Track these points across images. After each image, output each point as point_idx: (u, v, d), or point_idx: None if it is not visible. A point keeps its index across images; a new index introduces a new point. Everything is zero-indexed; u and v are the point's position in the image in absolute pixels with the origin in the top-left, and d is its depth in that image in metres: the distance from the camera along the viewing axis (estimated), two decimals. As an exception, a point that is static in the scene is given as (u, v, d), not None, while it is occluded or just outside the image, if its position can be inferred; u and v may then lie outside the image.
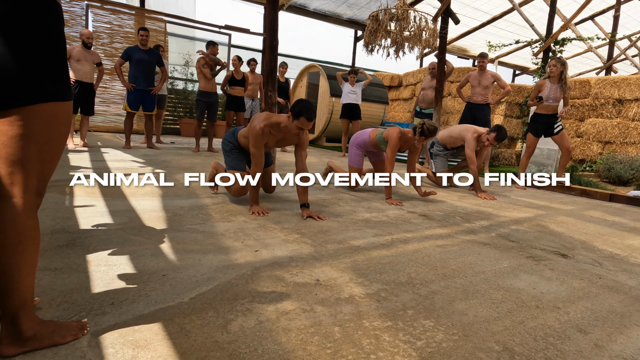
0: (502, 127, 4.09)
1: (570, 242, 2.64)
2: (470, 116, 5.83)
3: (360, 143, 3.86)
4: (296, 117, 2.58)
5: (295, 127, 2.61)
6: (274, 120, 2.70)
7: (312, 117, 2.61)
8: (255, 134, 2.66)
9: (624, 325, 1.50)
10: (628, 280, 1.98)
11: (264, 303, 1.45)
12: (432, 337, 1.30)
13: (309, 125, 2.62)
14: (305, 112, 2.56)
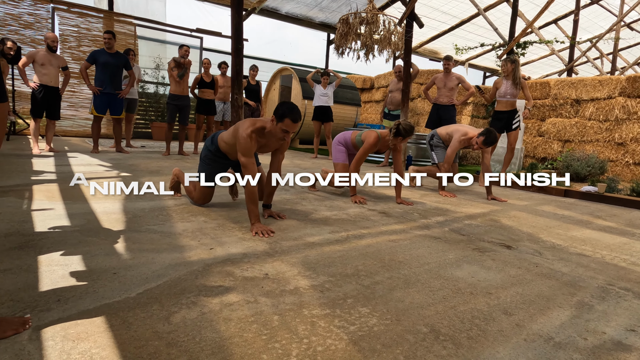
0: (491, 131, 4.00)
1: (517, 234, 2.78)
2: (437, 117, 6.01)
3: (342, 141, 3.91)
4: (280, 119, 2.44)
5: (280, 130, 2.47)
6: (259, 126, 2.57)
7: (298, 118, 2.47)
8: (244, 141, 2.49)
9: (548, 307, 1.62)
10: (562, 268, 2.12)
11: (209, 296, 1.51)
12: (365, 323, 1.39)
13: (295, 127, 2.48)
14: (290, 113, 2.43)
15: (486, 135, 3.96)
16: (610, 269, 2.16)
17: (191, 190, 3.00)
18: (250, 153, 2.51)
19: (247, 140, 2.49)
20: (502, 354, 1.26)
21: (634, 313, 1.62)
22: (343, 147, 3.91)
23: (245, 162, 2.49)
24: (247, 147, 2.49)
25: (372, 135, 3.59)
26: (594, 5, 11.98)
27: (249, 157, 2.50)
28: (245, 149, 2.50)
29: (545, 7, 7.36)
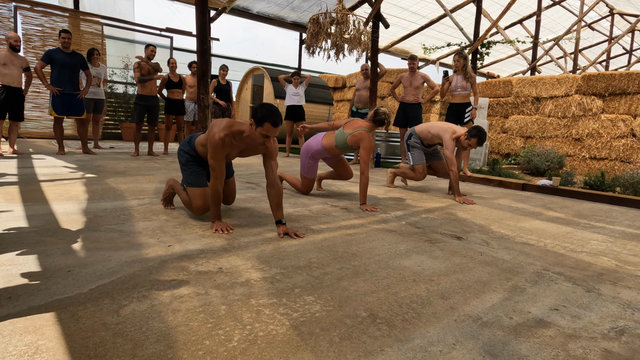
0: (481, 129, 3.89)
1: (470, 226, 2.93)
2: (403, 115, 6.17)
3: (315, 154, 3.65)
4: (259, 123, 2.26)
5: (259, 135, 2.29)
6: (236, 129, 2.40)
7: (279, 122, 2.28)
8: (215, 144, 2.34)
9: (483, 291, 1.74)
10: (505, 256, 2.27)
11: (161, 290, 1.57)
12: (308, 310, 1.48)
13: (275, 131, 2.29)
14: (269, 117, 2.24)
15: (479, 137, 3.85)
16: (549, 256, 2.31)
17: (188, 200, 2.70)
18: (220, 157, 2.38)
19: (218, 143, 2.34)
20: (432, 333, 1.36)
21: (560, 294, 1.76)
22: (314, 162, 3.68)
23: (213, 164, 2.39)
24: (218, 150, 2.36)
25: (365, 135, 3.39)
26: (556, 6, 12.43)
27: (217, 160, 2.38)
28: (215, 152, 2.36)
29: (508, 7, 7.61)
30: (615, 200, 4.26)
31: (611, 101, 6.26)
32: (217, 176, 2.41)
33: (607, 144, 6.24)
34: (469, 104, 5.59)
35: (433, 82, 6.05)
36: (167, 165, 5.33)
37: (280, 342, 1.25)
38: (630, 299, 1.76)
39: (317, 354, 1.20)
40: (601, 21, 14.58)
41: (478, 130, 3.85)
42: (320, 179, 4.03)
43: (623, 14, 13.85)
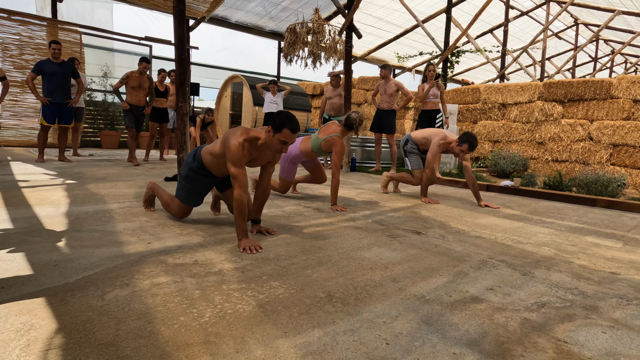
0: (471, 135, 3.97)
1: (430, 223, 3.17)
2: (378, 121, 6.45)
3: (294, 159, 3.78)
4: (278, 129, 2.27)
5: (277, 142, 2.30)
6: (253, 135, 2.37)
7: (297, 128, 2.30)
8: (235, 150, 2.29)
9: (430, 276, 1.97)
10: (457, 247, 2.51)
11: (141, 279, 1.74)
12: (273, 292, 1.67)
13: (293, 138, 2.31)
14: (288, 123, 2.26)
15: (470, 142, 3.93)
16: (497, 247, 2.57)
17: (168, 204, 2.76)
18: (242, 163, 2.32)
19: (239, 149, 2.29)
20: (379, 308, 1.58)
21: (498, 277, 2.00)
22: (293, 166, 3.80)
23: (236, 172, 2.29)
24: (239, 156, 2.30)
25: (338, 140, 3.56)
26: (524, 16, 13.00)
27: (239, 167, 2.30)
28: (236, 159, 2.30)
29: (475, 17, 8.02)
30: (570, 199, 4.59)
31: (570, 107, 6.67)
32: (240, 185, 2.28)
33: (567, 147, 6.63)
34: (439, 111, 5.92)
35: (406, 89, 6.34)
36: (146, 172, 5.45)
37: (246, 318, 1.44)
38: (558, 280, 2.01)
39: (277, 325, 1.40)
40: (567, 31, 15.28)
41: (468, 136, 3.94)
42: (295, 182, 4.21)
43: (587, 24, 14.56)
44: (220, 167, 2.57)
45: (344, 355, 1.23)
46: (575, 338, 1.42)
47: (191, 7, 9.16)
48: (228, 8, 10.15)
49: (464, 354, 1.28)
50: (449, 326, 1.46)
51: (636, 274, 2.17)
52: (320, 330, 1.38)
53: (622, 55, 18.57)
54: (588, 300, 1.77)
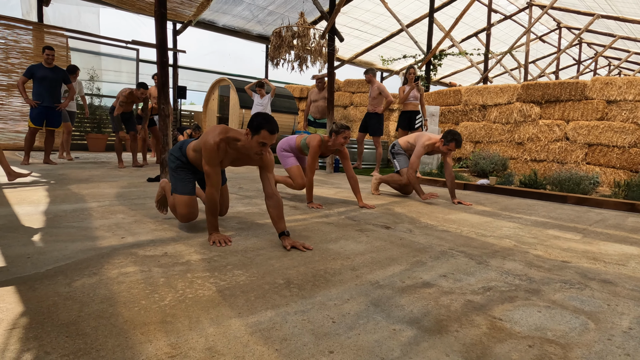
0: (457, 133, 4.04)
1: (401, 219, 3.28)
2: (364, 123, 6.65)
3: (286, 147, 3.98)
4: (256, 131, 2.25)
5: (256, 144, 2.27)
6: (232, 136, 2.35)
7: (275, 129, 2.28)
8: (210, 149, 2.29)
9: (389, 265, 2.08)
10: (421, 240, 2.62)
11: (109, 269, 1.83)
12: (235, 280, 1.77)
13: (271, 139, 2.28)
14: (266, 123, 2.24)
15: (456, 140, 4.00)
16: (461, 240, 2.68)
17: (174, 206, 2.65)
18: (215, 162, 2.32)
19: (213, 147, 2.29)
20: (333, 292, 1.68)
21: (454, 266, 2.12)
22: (289, 153, 3.98)
23: (209, 170, 2.30)
24: (212, 155, 2.30)
25: (316, 138, 3.68)
26: (507, 20, 13.24)
27: (212, 166, 2.31)
28: (210, 157, 2.30)
29: (457, 20, 8.20)
30: (543, 196, 4.73)
31: (547, 108, 6.85)
32: (212, 184, 2.32)
33: (545, 147, 6.80)
34: (418, 112, 6.07)
35: (387, 92, 6.49)
36: (130, 173, 5.52)
37: (205, 301, 1.54)
38: (511, 268, 2.13)
39: (233, 307, 1.49)
40: (551, 34, 15.57)
41: (454, 135, 4.00)
42: (275, 182, 4.30)
43: (570, 28, 14.86)
44: (200, 164, 2.56)
45: (290, 332, 1.33)
46: (510, 316, 1.53)
47: (177, 11, 9.26)
48: (215, 12, 10.25)
49: (402, 330, 1.38)
50: (395, 307, 1.56)
51: (586, 262, 2.30)
52: (272, 311, 1.48)
53: (606, 58, 18.95)
54: (533, 284, 1.89)
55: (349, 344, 1.27)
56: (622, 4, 10.46)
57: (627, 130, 6.01)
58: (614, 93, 6.17)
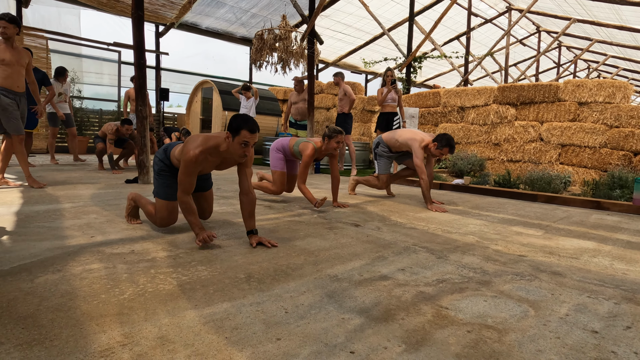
0: (451, 138, 3.91)
1: (372, 217, 3.37)
2: (337, 124, 6.82)
3: (279, 147, 3.89)
4: (236, 132, 2.24)
5: (238, 145, 2.26)
6: (212, 145, 2.33)
7: (255, 128, 2.27)
8: (188, 161, 2.27)
9: (350, 260, 2.15)
10: (387, 237, 2.70)
11: (74, 266, 1.87)
12: (197, 275, 1.82)
13: (253, 138, 2.27)
14: (245, 123, 2.24)
15: (451, 146, 3.88)
16: (426, 236, 2.77)
17: (152, 212, 2.62)
18: (191, 174, 2.31)
19: (192, 160, 2.27)
20: (291, 286, 1.74)
21: (414, 260, 2.20)
22: (281, 154, 3.89)
23: (183, 180, 2.31)
24: (190, 168, 2.29)
25: (309, 147, 3.65)
26: (487, 23, 13.50)
27: (187, 176, 2.31)
28: (187, 169, 2.29)
29: (436, 23, 8.35)
30: (514, 195, 4.87)
31: (522, 109, 7.02)
32: (184, 191, 2.34)
33: (520, 148, 6.97)
34: (396, 114, 6.20)
35: (350, 92, 6.69)
36: (108, 176, 5.51)
37: (164, 295, 1.59)
38: (468, 262, 2.22)
39: (190, 300, 1.55)
40: (531, 37, 15.90)
41: (448, 139, 3.86)
42: (262, 178, 4.25)
43: (549, 32, 15.19)
44: None
45: (243, 322, 1.39)
46: (457, 305, 1.61)
47: (159, 13, 9.26)
48: (198, 14, 10.26)
49: (351, 319, 1.45)
50: (349, 298, 1.63)
51: (542, 256, 2.40)
52: (229, 303, 1.54)
53: (585, 61, 19.40)
54: (486, 277, 1.98)
55: (297, 332, 1.33)
56: (597, 9, 10.75)
57: (598, 131, 6.20)
58: (585, 95, 6.37)
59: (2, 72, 3.89)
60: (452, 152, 3.92)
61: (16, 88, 4.00)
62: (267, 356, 1.18)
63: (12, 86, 3.96)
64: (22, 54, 4.03)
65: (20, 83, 4.02)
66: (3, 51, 3.88)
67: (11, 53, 3.92)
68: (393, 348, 1.26)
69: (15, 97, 4.00)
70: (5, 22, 3.86)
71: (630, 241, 2.86)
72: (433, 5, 11.45)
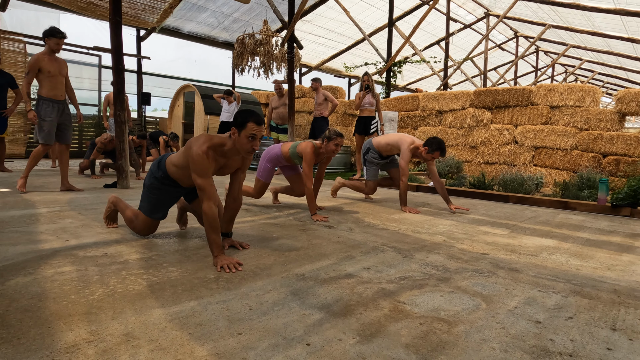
0: (442, 142, 3.91)
1: (347, 218, 3.45)
2: (312, 127, 6.98)
3: (272, 157, 3.77)
4: (242, 126, 2.15)
5: (246, 139, 2.16)
6: (217, 142, 2.22)
7: (261, 120, 2.20)
8: (200, 159, 2.14)
9: (319, 260, 2.23)
10: (358, 237, 2.79)
11: (46, 269, 1.91)
12: (167, 275, 1.88)
13: (260, 130, 2.19)
14: (250, 116, 2.16)
15: (441, 150, 3.88)
16: (395, 236, 2.87)
17: (132, 220, 2.56)
18: (208, 173, 2.17)
19: (203, 157, 2.14)
20: (258, 284, 1.82)
21: (381, 259, 2.29)
22: (271, 166, 3.78)
23: (202, 184, 2.14)
24: (204, 165, 2.15)
25: (309, 145, 3.56)
26: (467, 29, 13.79)
27: (206, 177, 2.16)
28: (202, 169, 2.15)
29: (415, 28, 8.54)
30: (487, 196, 5.02)
31: (498, 113, 7.23)
32: (209, 196, 2.14)
33: (496, 150, 7.16)
34: (374, 117, 6.33)
35: (332, 97, 6.82)
36: (88, 180, 5.50)
37: (133, 295, 1.64)
38: (432, 260, 2.32)
39: (158, 299, 1.61)
40: (509, 42, 16.28)
41: (438, 143, 3.86)
42: (275, 192, 4.14)
43: (526, 37, 15.58)
44: (186, 179, 2.40)
45: (207, 319, 1.45)
46: (414, 300, 1.71)
47: (140, 18, 9.25)
48: (179, 19, 10.27)
49: (311, 314, 1.53)
50: (312, 296, 1.71)
51: (503, 254, 2.52)
52: (196, 301, 1.60)
53: (562, 65, 19.92)
54: (446, 274, 2.08)
55: (258, 327, 1.41)
56: (571, 16, 11.09)
57: (569, 134, 6.42)
58: (556, 99, 6.59)
59: (48, 83, 4.19)
60: (443, 155, 3.93)
61: (59, 97, 4.31)
62: (227, 349, 1.25)
63: (56, 96, 4.27)
64: (62, 64, 4.34)
65: (62, 92, 4.33)
66: (48, 63, 4.18)
67: (55, 64, 4.24)
68: (347, 340, 1.34)
69: (58, 105, 4.29)
70: (62, 40, 4.27)
71: (589, 239, 3.01)
72: (413, 11, 11.67)
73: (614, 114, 6.19)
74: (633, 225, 3.62)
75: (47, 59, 4.19)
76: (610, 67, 16.15)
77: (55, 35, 4.18)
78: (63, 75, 4.33)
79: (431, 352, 1.28)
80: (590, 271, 2.21)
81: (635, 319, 1.59)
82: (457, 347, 1.32)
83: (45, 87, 4.20)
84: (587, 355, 1.30)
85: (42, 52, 4.22)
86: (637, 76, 16.39)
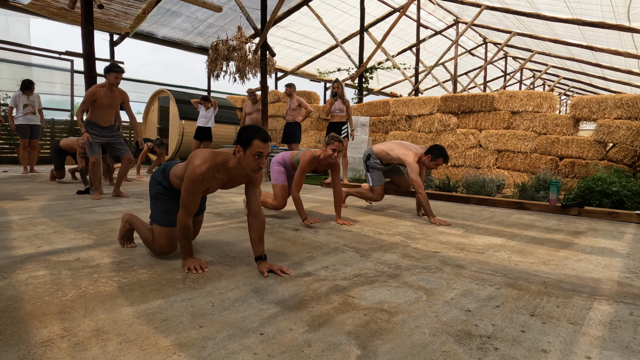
0: (443, 148, 3.95)
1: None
2: (285, 132, 7.20)
3: (280, 160, 3.87)
4: (247, 144, 2.08)
5: (251, 158, 2.10)
6: (220, 161, 2.17)
7: (267, 137, 2.14)
8: (194, 178, 2.11)
9: (281, 261, 2.40)
10: (322, 239, 2.97)
11: (20, 273, 2.02)
12: (137, 277, 2.02)
13: (266, 147, 2.11)
14: (256, 133, 2.10)
15: (444, 156, 3.91)
16: (357, 238, 3.06)
17: (150, 239, 2.39)
18: (196, 192, 2.17)
19: (197, 178, 2.12)
20: (222, 284, 1.97)
21: (339, 259, 2.48)
22: (282, 168, 3.84)
23: (187, 199, 2.15)
24: (195, 185, 2.14)
25: (307, 154, 3.61)
26: (437, 35, 14.22)
27: (192, 195, 2.16)
28: (192, 187, 2.14)
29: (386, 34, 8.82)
30: (451, 198, 5.29)
31: (463, 118, 7.56)
32: (188, 212, 2.18)
33: (462, 154, 7.49)
34: (345, 123, 6.54)
35: (306, 104, 7.03)
36: (59, 187, 5.52)
37: (103, 295, 1.78)
38: (387, 259, 2.52)
39: (127, 299, 1.75)
40: (478, 48, 16.84)
41: (440, 150, 3.90)
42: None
43: (495, 43, 16.16)
44: None
45: (172, 315, 1.61)
46: (363, 295, 1.90)
47: (113, 23, 9.24)
48: (153, 24, 10.29)
49: (268, 309, 1.70)
50: (271, 293, 1.88)
51: (453, 252, 2.74)
52: (162, 300, 1.75)
53: (531, 70, 20.69)
54: (397, 271, 2.28)
55: (218, 320, 1.57)
56: (535, 25, 11.61)
57: (529, 138, 6.78)
58: (517, 105, 6.95)
59: (100, 112, 4.61)
60: (446, 161, 3.98)
61: (103, 123, 4.68)
62: (188, 340, 1.41)
63: (100, 122, 4.66)
64: (116, 98, 4.72)
65: (108, 121, 4.74)
66: (103, 96, 4.56)
67: (109, 98, 4.63)
68: (297, 329, 1.52)
69: (100, 131, 4.66)
70: (121, 74, 4.68)
71: (535, 237, 3.27)
72: (385, 18, 11.98)
73: (569, 119, 6.59)
74: (578, 224, 3.92)
75: (103, 93, 4.56)
76: (574, 72, 16.89)
77: (114, 70, 4.55)
78: (113, 108, 4.75)
79: (369, 337, 1.47)
80: (527, 266, 2.45)
81: (554, 307, 1.82)
82: (392, 333, 1.51)
83: (95, 115, 4.60)
84: (503, 337, 1.51)
85: (100, 85, 4.58)
86: (598, 81, 17.20)
